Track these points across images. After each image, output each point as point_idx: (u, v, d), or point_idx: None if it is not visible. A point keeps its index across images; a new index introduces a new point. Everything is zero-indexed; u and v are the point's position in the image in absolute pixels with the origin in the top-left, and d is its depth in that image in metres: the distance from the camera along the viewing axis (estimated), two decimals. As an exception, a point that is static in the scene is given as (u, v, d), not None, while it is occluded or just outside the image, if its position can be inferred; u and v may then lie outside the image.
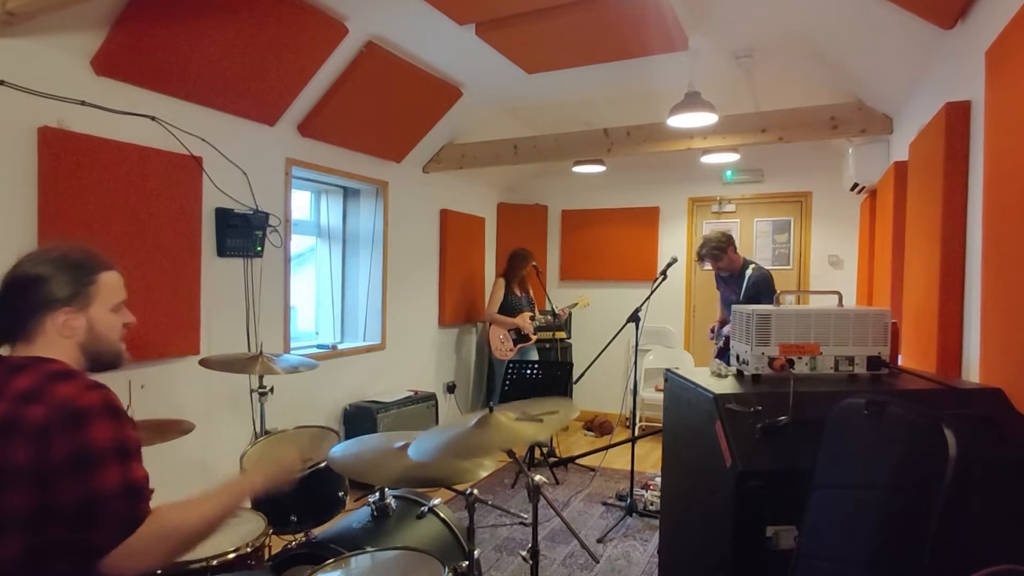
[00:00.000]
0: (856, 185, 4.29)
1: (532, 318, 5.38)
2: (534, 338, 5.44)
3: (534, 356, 5.49)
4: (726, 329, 4.19)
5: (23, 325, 1.29)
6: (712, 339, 4.44)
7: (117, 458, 1.18)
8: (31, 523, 1.15)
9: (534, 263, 5.36)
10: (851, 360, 1.98)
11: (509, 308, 5.34)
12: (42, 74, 2.63)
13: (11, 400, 1.19)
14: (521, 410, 1.81)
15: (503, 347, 5.30)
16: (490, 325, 5.38)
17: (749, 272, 4.12)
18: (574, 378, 4.60)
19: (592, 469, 4.82)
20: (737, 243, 5.76)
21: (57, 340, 1.30)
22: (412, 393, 4.82)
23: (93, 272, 1.36)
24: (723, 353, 4.18)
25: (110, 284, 1.38)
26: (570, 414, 1.85)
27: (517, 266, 5.38)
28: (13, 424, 1.16)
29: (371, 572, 1.85)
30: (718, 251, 4.14)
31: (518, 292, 5.41)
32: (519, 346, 5.34)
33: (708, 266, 4.33)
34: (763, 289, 4.02)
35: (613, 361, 6.00)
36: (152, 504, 1.24)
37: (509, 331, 5.33)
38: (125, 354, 1.43)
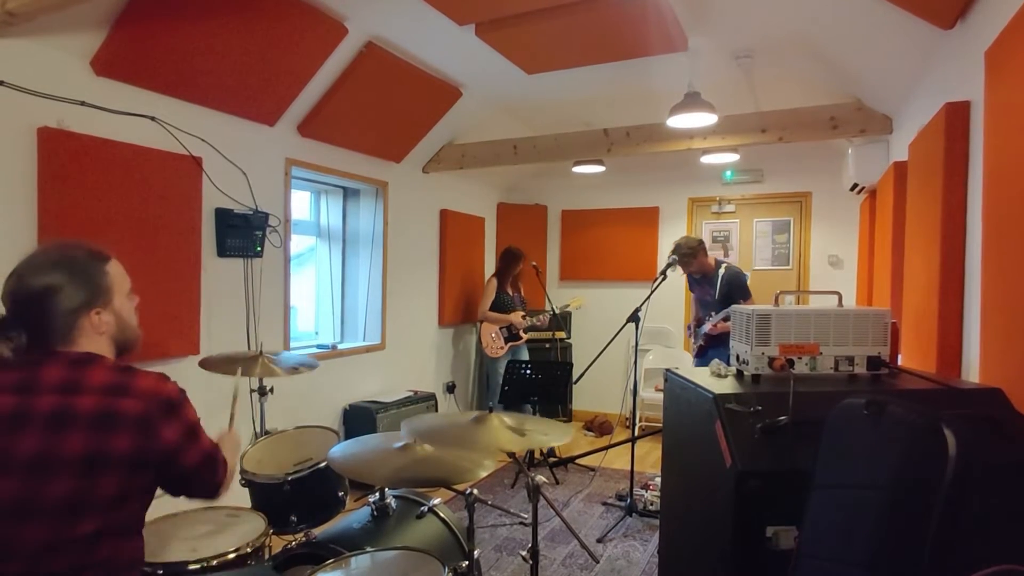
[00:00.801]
0: (856, 185, 4.30)
1: (524, 317, 5.38)
2: (525, 337, 5.45)
3: (525, 356, 5.50)
4: (705, 327, 4.24)
5: (60, 331, 1.35)
6: (689, 335, 4.50)
7: (201, 429, 1.46)
8: (109, 507, 1.29)
9: (534, 263, 5.36)
10: (851, 360, 1.98)
11: (501, 307, 5.35)
12: (42, 74, 2.63)
13: (99, 393, 1.29)
14: (517, 422, 1.82)
15: (494, 345, 5.31)
16: (482, 323, 5.39)
17: (722, 272, 4.21)
18: (574, 378, 4.61)
19: (592, 469, 4.82)
20: (736, 243, 5.80)
21: (95, 338, 1.39)
22: (412, 393, 4.83)
23: (102, 267, 1.41)
24: (703, 351, 4.25)
25: (119, 273, 1.45)
26: (559, 439, 1.86)
27: (508, 265, 5.39)
28: (113, 416, 1.29)
29: (371, 572, 1.85)
30: (688, 256, 4.23)
31: (510, 291, 5.42)
32: (510, 344, 5.35)
33: (679, 270, 4.39)
34: (735, 286, 4.13)
35: (613, 361, 6.00)
36: None
37: (500, 329, 5.34)
38: (141, 334, 1.53)
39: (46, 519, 1.24)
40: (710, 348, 4.20)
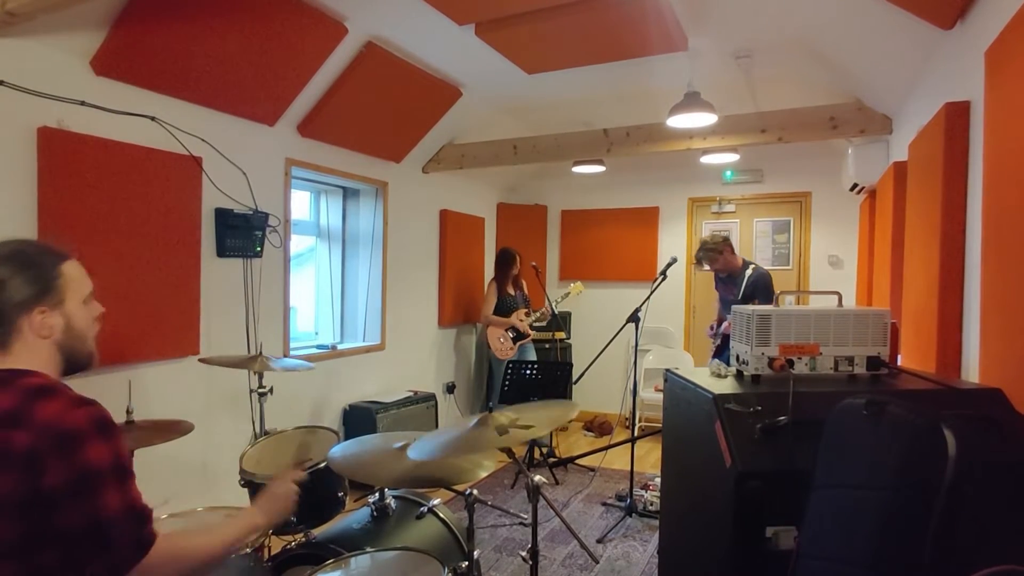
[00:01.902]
0: (856, 185, 4.30)
1: (527, 314, 5.38)
2: (531, 335, 5.45)
3: (532, 355, 5.50)
4: (723, 327, 4.23)
5: None
6: (711, 336, 4.49)
7: (116, 479, 1.14)
8: (20, 551, 1.09)
9: (533, 264, 5.35)
10: (851, 360, 1.98)
11: (504, 308, 5.34)
12: (42, 74, 2.63)
13: None
14: (509, 420, 1.79)
15: (503, 347, 5.30)
16: (487, 327, 5.38)
17: (749, 272, 4.18)
18: (574, 378, 4.61)
19: (592, 469, 4.82)
20: (737, 243, 5.79)
21: (35, 342, 1.23)
22: (412, 393, 4.82)
23: (55, 265, 1.27)
24: (720, 351, 4.24)
25: (75, 275, 1.30)
26: (549, 424, 1.79)
27: (504, 266, 5.39)
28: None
29: (371, 572, 1.85)
30: (714, 253, 4.23)
31: (512, 291, 5.42)
32: (519, 344, 5.35)
33: (706, 267, 4.41)
34: (760, 289, 4.10)
35: (613, 361, 6.00)
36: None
37: (507, 330, 5.34)
38: (96, 354, 1.36)
39: None
40: (725, 348, 4.19)
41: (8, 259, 1.22)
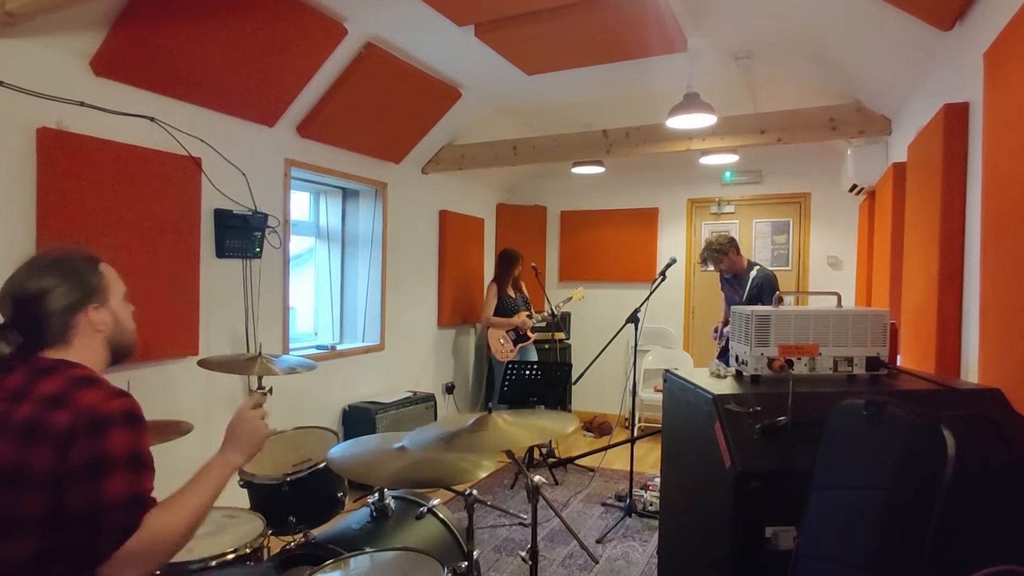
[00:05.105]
0: (855, 186, 4.30)
1: (529, 316, 5.37)
2: (533, 337, 5.44)
3: (533, 356, 5.49)
4: (727, 329, 4.23)
5: (55, 331, 1.31)
6: (715, 339, 4.48)
7: (129, 468, 1.20)
8: (45, 526, 1.16)
9: (533, 264, 5.36)
10: (850, 361, 1.98)
11: (505, 310, 5.34)
12: (41, 75, 2.63)
13: (38, 403, 1.21)
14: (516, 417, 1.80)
15: (504, 349, 5.30)
16: (488, 329, 5.38)
17: (753, 273, 4.17)
18: (573, 379, 4.61)
19: (591, 470, 4.82)
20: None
21: (91, 336, 1.35)
22: (411, 394, 4.82)
23: (96, 266, 1.40)
24: (724, 353, 4.23)
25: (113, 276, 1.43)
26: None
27: (506, 267, 5.38)
28: (38, 428, 1.18)
29: (370, 573, 1.85)
30: (718, 253, 4.22)
31: (512, 293, 5.41)
32: (519, 346, 5.34)
33: (711, 267, 4.40)
34: (766, 290, 4.08)
35: (612, 362, 6.00)
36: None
37: (508, 332, 5.33)
38: (138, 343, 1.48)
39: None
40: (728, 350, 4.18)
41: (53, 267, 1.34)
